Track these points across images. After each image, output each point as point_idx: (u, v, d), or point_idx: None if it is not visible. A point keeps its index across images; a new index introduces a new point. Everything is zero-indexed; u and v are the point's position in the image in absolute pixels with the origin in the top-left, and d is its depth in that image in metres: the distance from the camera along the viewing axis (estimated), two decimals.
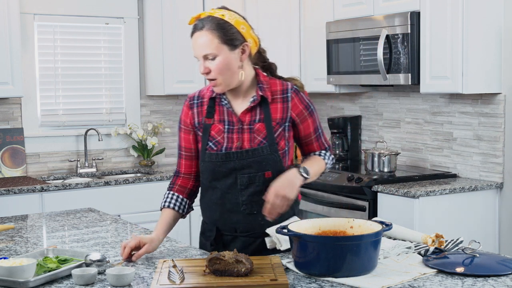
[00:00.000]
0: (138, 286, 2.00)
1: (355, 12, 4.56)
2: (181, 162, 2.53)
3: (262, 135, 2.39)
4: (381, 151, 4.37)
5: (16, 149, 4.70)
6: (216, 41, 2.31)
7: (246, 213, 2.41)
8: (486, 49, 3.93)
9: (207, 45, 2.32)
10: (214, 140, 2.41)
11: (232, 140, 2.40)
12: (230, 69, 2.34)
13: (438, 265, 2.10)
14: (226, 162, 2.39)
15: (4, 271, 1.98)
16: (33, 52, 4.81)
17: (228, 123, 2.42)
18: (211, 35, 2.32)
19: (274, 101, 2.42)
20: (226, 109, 2.43)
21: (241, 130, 2.40)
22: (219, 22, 2.34)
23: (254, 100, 2.40)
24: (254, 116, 2.41)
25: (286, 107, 2.43)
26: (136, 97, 5.21)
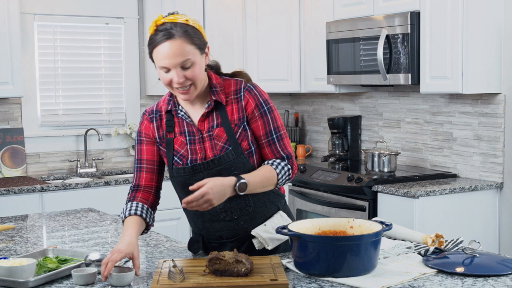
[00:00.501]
0: (138, 286, 2.00)
1: (355, 12, 4.56)
2: (141, 175, 2.38)
3: (223, 140, 2.29)
4: (381, 151, 4.37)
5: (16, 149, 4.70)
6: (191, 48, 2.20)
7: (227, 220, 2.34)
8: (486, 49, 3.93)
9: (183, 53, 2.18)
10: (179, 154, 2.33)
11: (195, 152, 2.30)
12: (201, 73, 2.25)
13: (438, 265, 2.10)
14: (195, 174, 2.29)
15: (4, 271, 1.98)
16: (33, 52, 4.81)
17: (189, 134, 2.32)
18: (186, 42, 2.19)
19: (229, 102, 2.32)
20: (184, 120, 2.33)
21: (201, 139, 2.31)
22: (187, 27, 2.22)
23: (209, 105, 2.30)
24: (212, 122, 2.31)
25: (241, 106, 2.31)
26: (136, 97, 5.21)
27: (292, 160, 2.37)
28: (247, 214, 2.34)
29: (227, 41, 5.16)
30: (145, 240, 2.65)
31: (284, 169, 2.32)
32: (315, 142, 5.58)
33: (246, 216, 2.34)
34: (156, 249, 2.49)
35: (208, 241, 2.41)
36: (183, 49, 2.18)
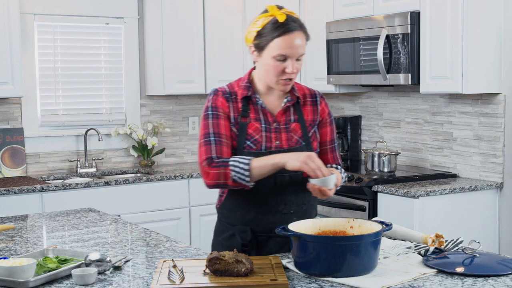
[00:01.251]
0: (138, 286, 2.01)
1: (355, 12, 4.56)
2: (222, 149, 2.34)
3: (298, 135, 2.41)
4: (381, 151, 4.37)
5: (16, 149, 4.70)
6: (305, 41, 2.36)
7: (283, 213, 2.39)
8: (486, 49, 3.93)
9: (303, 46, 2.34)
10: (253, 139, 2.37)
11: (270, 139, 2.38)
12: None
13: (438, 265, 2.10)
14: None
15: (4, 271, 1.98)
16: (33, 52, 4.81)
17: (264, 122, 2.39)
18: (305, 36, 2.35)
19: (305, 103, 2.46)
20: (261, 109, 2.41)
21: (278, 129, 2.40)
22: (300, 21, 2.35)
23: (289, 100, 2.42)
24: (289, 116, 2.42)
25: (316, 110, 2.47)
26: (136, 97, 5.21)
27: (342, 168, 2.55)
28: (300, 211, 2.43)
29: (227, 41, 5.16)
30: (145, 240, 2.65)
31: (344, 175, 2.50)
32: None
33: (300, 213, 2.42)
34: (156, 249, 2.49)
35: (255, 234, 2.41)
36: (304, 43, 2.35)
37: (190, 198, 4.75)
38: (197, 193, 4.78)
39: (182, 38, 4.99)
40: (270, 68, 2.33)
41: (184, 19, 4.99)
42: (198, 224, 4.79)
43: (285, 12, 2.32)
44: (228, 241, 2.46)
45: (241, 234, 2.42)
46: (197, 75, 5.08)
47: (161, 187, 4.67)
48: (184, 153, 5.42)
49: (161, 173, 4.79)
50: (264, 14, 2.36)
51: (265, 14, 2.35)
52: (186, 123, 5.42)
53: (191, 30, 5.02)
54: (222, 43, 5.14)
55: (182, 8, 4.99)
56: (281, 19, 2.30)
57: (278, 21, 2.30)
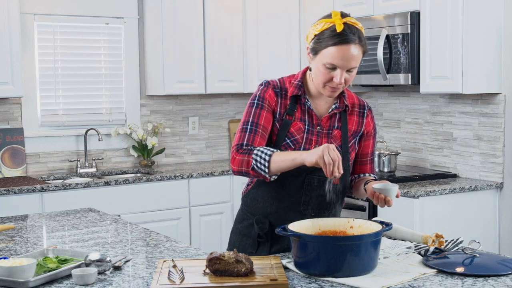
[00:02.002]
0: (138, 286, 2.01)
1: (355, 12, 4.56)
2: (256, 138, 2.35)
3: (338, 142, 2.41)
4: (381, 151, 4.37)
5: (16, 149, 4.70)
6: (361, 56, 2.31)
7: (304, 214, 2.40)
8: (486, 49, 3.93)
9: (357, 60, 2.28)
10: (293, 138, 2.38)
11: (310, 142, 2.39)
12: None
13: (438, 265, 2.10)
14: None
15: (4, 271, 1.98)
16: (33, 52, 4.81)
17: (308, 123, 2.40)
18: (361, 49, 2.29)
19: (352, 113, 2.46)
20: (308, 110, 2.40)
21: (320, 133, 2.40)
22: (363, 36, 2.31)
23: (337, 107, 2.41)
24: (334, 123, 2.42)
25: (362, 122, 2.47)
26: (136, 97, 5.21)
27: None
28: (322, 215, 2.42)
29: (227, 41, 5.16)
30: (145, 240, 2.65)
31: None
32: None
33: (321, 217, 2.40)
34: (156, 249, 2.49)
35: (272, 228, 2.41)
36: (359, 56, 2.29)
37: (190, 198, 4.75)
38: (197, 193, 4.78)
39: (182, 38, 4.99)
40: (319, 74, 2.31)
41: (184, 19, 4.99)
42: (198, 224, 4.79)
43: (347, 21, 2.30)
44: (246, 229, 2.49)
45: (259, 225, 2.43)
46: (197, 75, 5.08)
47: (161, 187, 4.67)
48: (184, 153, 5.42)
49: (161, 173, 4.79)
50: (326, 19, 2.35)
51: (327, 20, 2.34)
52: (186, 123, 5.42)
53: (191, 30, 5.02)
54: (222, 43, 5.14)
55: (182, 8, 4.99)
56: (339, 28, 2.28)
57: (336, 30, 2.28)
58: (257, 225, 2.44)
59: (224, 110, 5.58)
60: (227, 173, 4.89)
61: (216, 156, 5.56)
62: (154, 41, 5.04)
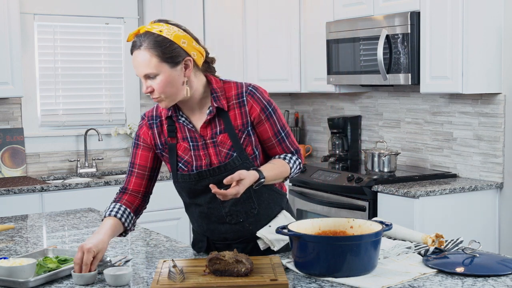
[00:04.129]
0: (138, 286, 2.00)
1: (355, 12, 4.56)
2: (131, 179, 2.38)
3: (227, 147, 2.28)
4: (381, 151, 4.37)
5: (16, 149, 4.70)
6: (155, 60, 2.15)
7: (232, 223, 2.35)
8: (486, 49, 3.93)
9: (146, 65, 2.16)
10: (183, 160, 2.31)
11: (200, 158, 2.30)
12: (174, 86, 2.19)
13: (438, 265, 2.10)
14: (200, 180, 2.30)
15: (4, 271, 1.98)
16: (33, 52, 4.81)
17: (191, 139, 2.31)
18: (150, 54, 2.15)
19: (231, 107, 2.30)
20: (185, 126, 2.31)
21: (205, 145, 2.30)
22: (156, 39, 2.16)
23: (210, 112, 2.28)
24: (215, 128, 2.29)
25: (244, 111, 2.30)
26: (136, 97, 5.21)
27: (300, 154, 2.42)
28: (252, 216, 2.36)
29: (227, 41, 5.16)
30: (145, 240, 2.65)
31: (296, 163, 2.37)
32: (315, 142, 5.58)
33: (252, 219, 2.36)
34: (156, 249, 2.49)
35: (213, 242, 2.42)
36: (146, 61, 2.16)
37: None
38: None
39: None
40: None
41: (184, 19, 4.97)
42: None
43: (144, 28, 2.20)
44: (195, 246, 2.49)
45: (200, 243, 2.45)
46: None
47: (161, 187, 4.64)
48: None
49: (161, 173, 4.79)
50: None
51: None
52: None
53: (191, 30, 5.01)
54: (222, 43, 5.14)
55: (182, 8, 4.99)
56: (128, 39, 2.23)
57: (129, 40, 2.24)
58: (198, 244, 2.46)
59: None
60: None
61: None
62: None
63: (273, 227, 2.34)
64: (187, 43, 2.23)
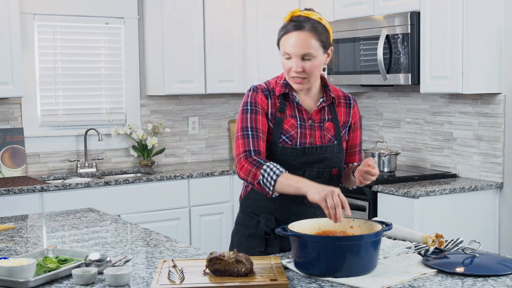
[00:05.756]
0: (138, 286, 2.00)
1: (355, 12, 4.56)
2: (259, 143, 2.43)
3: (331, 134, 2.50)
4: (381, 151, 4.37)
5: (16, 149, 4.70)
6: (317, 44, 2.38)
7: (307, 206, 2.46)
8: (486, 49, 3.93)
9: (307, 46, 2.36)
10: (288, 134, 2.46)
11: (305, 136, 2.47)
12: (319, 70, 2.43)
13: (438, 265, 2.10)
14: (301, 156, 2.45)
15: (4, 271, 1.98)
16: (33, 52, 4.81)
17: (300, 119, 2.48)
18: (313, 37, 2.37)
19: (339, 104, 2.54)
20: (297, 106, 2.48)
21: (312, 127, 2.48)
22: (319, 24, 2.40)
23: (324, 100, 2.50)
24: (324, 116, 2.51)
25: (349, 112, 2.55)
26: (136, 97, 5.21)
27: None
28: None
29: (227, 41, 5.16)
30: (145, 240, 2.65)
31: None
32: None
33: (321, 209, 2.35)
34: (156, 249, 2.49)
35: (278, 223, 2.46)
36: (308, 42, 2.37)
37: (190, 198, 4.75)
38: (197, 193, 4.78)
39: (182, 38, 4.99)
40: (282, 66, 2.46)
41: (184, 19, 4.99)
42: (198, 224, 4.79)
43: (299, 13, 2.42)
44: (251, 229, 2.51)
45: (266, 222, 2.48)
46: (197, 75, 5.08)
47: (161, 187, 4.67)
48: (184, 153, 5.42)
49: (161, 173, 4.79)
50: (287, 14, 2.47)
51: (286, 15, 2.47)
52: (186, 123, 5.42)
53: (191, 30, 5.02)
54: (222, 43, 5.14)
55: (182, 8, 4.99)
56: (286, 18, 2.43)
57: (284, 22, 2.43)
58: (264, 222, 2.47)
59: (224, 110, 5.58)
60: (227, 173, 4.89)
61: (216, 156, 5.56)
62: (154, 41, 5.04)
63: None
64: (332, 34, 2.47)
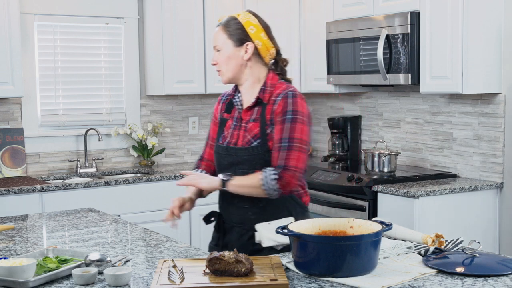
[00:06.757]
0: (138, 286, 2.00)
1: (355, 12, 4.56)
2: (206, 150, 2.75)
3: (252, 134, 2.51)
4: (381, 151, 4.37)
5: (16, 149, 4.70)
6: (224, 36, 2.55)
7: (237, 206, 2.55)
8: (486, 49, 3.93)
9: (216, 39, 2.57)
10: (222, 134, 2.61)
11: (233, 136, 2.56)
12: (232, 63, 2.54)
13: (438, 265, 2.10)
14: (226, 156, 2.56)
15: (4, 271, 1.98)
16: (33, 52, 4.81)
17: (236, 120, 2.59)
18: (221, 30, 2.56)
19: (269, 103, 2.51)
20: (235, 106, 2.62)
21: (236, 127, 2.58)
22: (230, 20, 2.58)
23: (254, 100, 2.54)
24: (252, 116, 2.54)
25: (272, 109, 2.50)
26: (136, 97, 5.21)
27: (286, 171, 2.41)
28: (257, 207, 2.52)
29: None
30: (145, 240, 2.65)
31: (270, 177, 2.40)
32: (315, 142, 5.58)
33: (256, 209, 2.52)
34: (156, 249, 2.49)
35: (222, 221, 2.65)
36: (217, 35, 2.58)
37: None
38: None
39: (182, 38, 4.99)
40: None
41: (184, 19, 4.99)
42: (198, 224, 4.79)
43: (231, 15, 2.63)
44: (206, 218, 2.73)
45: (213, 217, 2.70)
46: (197, 75, 5.08)
47: (161, 187, 4.67)
48: (184, 153, 5.42)
49: (161, 173, 4.79)
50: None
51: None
52: (186, 123, 5.42)
53: (191, 30, 5.02)
54: None
55: (182, 8, 4.99)
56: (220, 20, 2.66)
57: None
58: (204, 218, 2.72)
59: None
60: None
61: None
62: (154, 41, 5.04)
63: (272, 226, 2.40)
64: (255, 31, 2.58)
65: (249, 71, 2.56)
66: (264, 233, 2.40)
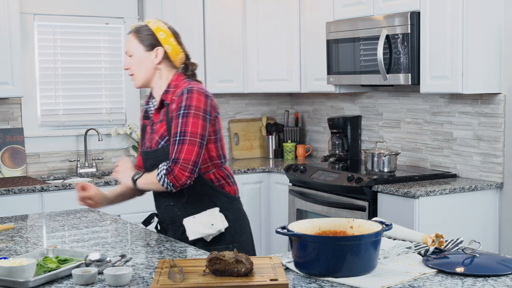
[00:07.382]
0: (138, 286, 2.00)
1: (355, 12, 4.56)
2: (138, 157, 2.86)
3: (159, 135, 2.62)
4: (381, 151, 4.36)
5: (16, 149, 4.70)
6: (135, 42, 2.65)
7: (165, 204, 2.70)
8: (486, 49, 3.93)
9: (128, 44, 2.67)
10: (143, 140, 2.75)
11: (150, 140, 2.69)
12: (144, 68, 2.65)
13: (438, 265, 2.10)
14: (147, 159, 2.70)
15: (4, 271, 1.98)
16: (33, 52, 4.81)
17: (152, 124, 2.71)
18: (133, 36, 2.66)
19: (171, 102, 2.61)
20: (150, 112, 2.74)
21: (153, 131, 2.68)
22: (141, 26, 2.68)
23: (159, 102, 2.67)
24: (160, 117, 2.65)
25: (172, 107, 2.60)
26: (136, 97, 5.21)
27: (176, 164, 2.49)
28: (181, 203, 2.65)
29: (227, 41, 5.16)
30: (145, 240, 2.65)
31: (162, 172, 2.52)
32: (315, 142, 5.58)
33: (180, 205, 2.65)
34: (156, 249, 2.49)
35: (160, 222, 2.80)
36: (128, 41, 2.68)
37: None
38: None
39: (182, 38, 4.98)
40: None
41: (184, 19, 4.99)
42: None
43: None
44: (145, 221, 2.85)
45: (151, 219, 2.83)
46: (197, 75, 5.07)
47: None
48: None
49: None
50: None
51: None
52: None
53: (191, 30, 5.02)
54: (222, 43, 5.14)
55: (182, 8, 4.99)
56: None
57: None
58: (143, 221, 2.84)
59: (224, 110, 5.58)
60: None
61: None
62: None
63: (196, 219, 2.60)
64: (164, 36, 2.67)
65: (160, 74, 2.66)
66: (190, 227, 2.57)
